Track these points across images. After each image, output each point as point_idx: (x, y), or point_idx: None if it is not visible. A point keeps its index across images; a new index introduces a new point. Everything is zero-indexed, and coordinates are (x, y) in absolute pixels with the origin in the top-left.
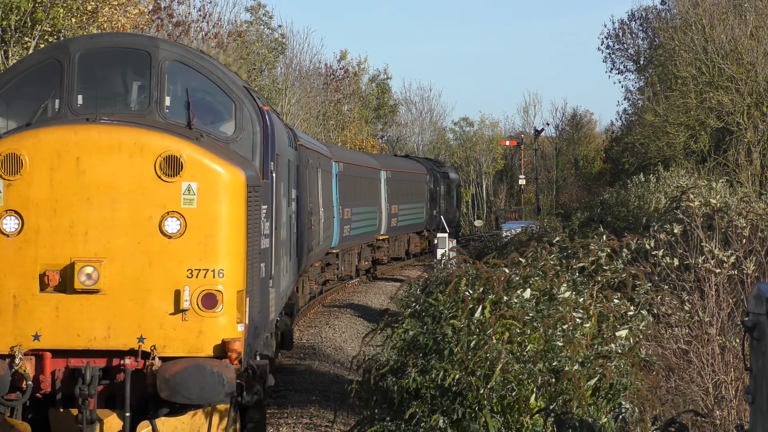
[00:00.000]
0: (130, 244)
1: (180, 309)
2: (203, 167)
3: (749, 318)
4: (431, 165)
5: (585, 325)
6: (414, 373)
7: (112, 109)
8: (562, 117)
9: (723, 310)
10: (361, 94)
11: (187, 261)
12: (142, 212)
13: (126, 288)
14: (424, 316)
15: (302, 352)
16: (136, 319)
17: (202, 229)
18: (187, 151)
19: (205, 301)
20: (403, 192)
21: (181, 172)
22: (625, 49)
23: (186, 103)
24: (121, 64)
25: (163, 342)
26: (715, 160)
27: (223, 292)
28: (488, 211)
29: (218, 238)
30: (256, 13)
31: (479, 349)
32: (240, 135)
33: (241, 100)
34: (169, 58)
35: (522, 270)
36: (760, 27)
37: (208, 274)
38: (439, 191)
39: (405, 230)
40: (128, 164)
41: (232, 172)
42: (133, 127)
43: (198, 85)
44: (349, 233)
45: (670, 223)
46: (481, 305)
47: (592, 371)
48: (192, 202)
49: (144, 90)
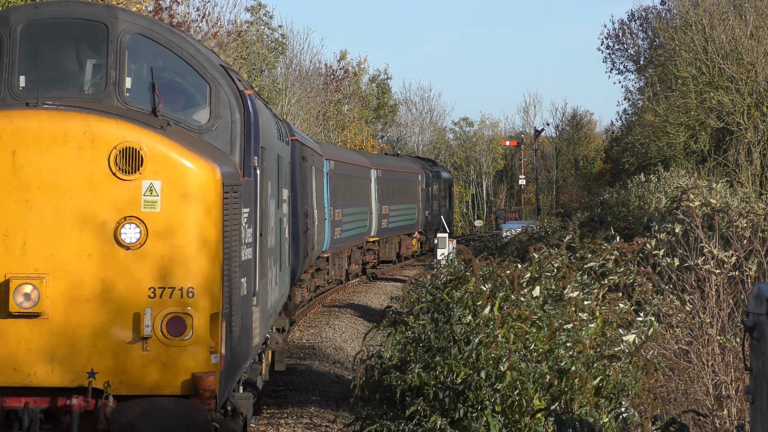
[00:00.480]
0: (78, 256)
1: (140, 337)
2: (168, 162)
3: (749, 318)
4: (423, 164)
5: (590, 325)
6: (418, 369)
7: (61, 92)
8: (562, 117)
9: (723, 310)
10: (361, 94)
11: (149, 278)
12: (93, 217)
13: (73, 311)
14: (434, 313)
15: (302, 352)
16: (85, 349)
17: (168, 237)
18: (148, 143)
19: (171, 327)
20: (394, 192)
21: (142, 168)
22: (625, 50)
23: (150, 85)
24: (72, 39)
25: (120, 377)
26: (715, 160)
27: (193, 315)
28: (488, 211)
29: (187, 249)
30: (256, 13)
31: (486, 348)
32: (216, 123)
33: (217, 81)
34: (131, 31)
35: (535, 267)
36: (760, 27)
37: (174, 294)
38: (431, 191)
39: (396, 232)
40: (76, 159)
41: (205, 168)
42: (83, 113)
43: (165, 64)
44: (340, 236)
45: (670, 223)
46: (490, 302)
47: (597, 372)
48: (154, 205)
49: (100, 69)
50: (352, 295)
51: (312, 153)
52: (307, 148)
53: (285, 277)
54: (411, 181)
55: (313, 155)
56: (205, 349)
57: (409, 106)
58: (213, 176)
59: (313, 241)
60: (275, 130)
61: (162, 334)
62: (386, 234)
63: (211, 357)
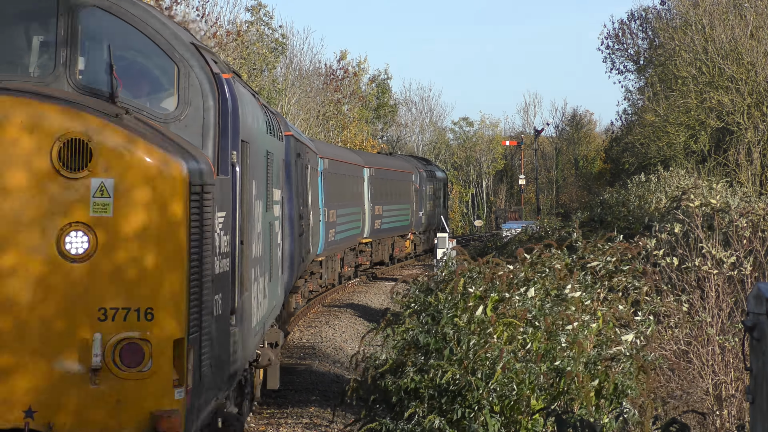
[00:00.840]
0: (12, 271)
1: (88, 368)
2: (123, 157)
3: (749, 318)
4: (417, 163)
5: (591, 325)
6: (412, 373)
7: (4, 74)
8: (562, 117)
9: (723, 310)
10: (361, 94)
11: (99, 296)
12: (31, 223)
13: (8, 336)
14: (424, 316)
15: (302, 352)
16: (22, 383)
17: (122, 248)
18: (99, 134)
19: (126, 356)
20: (387, 192)
21: (91, 164)
22: (624, 49)
23: (108, 66)
24: (16, 12)
25: (64, 417)
26: (715, 160)
27: (152, 341)
28: (488, 211)
29: (146, 262)
30: (256, 13)
31: (480, 349)
32: (185, 112)
33: (187, 62)
34: (85, 2)
35: (526, 268)
36: (760, 27)
37: (130, 316)
38: (425, 191)
39: (389, 233)
40: (12, 152)
41: (168, 164)
42: (21, 99)
43: (126, 41)
44: (334, 238)
45: (670, 223)
46: (483, 303)
47: (597, 372)
48: (106, 209)
49: (48, 48)
50: (351, 295)
51: (307, 151)
52: (303, 145)
53: (277, 287)
54: (404, 180)
55: (308, 153)
56: (168, 383)
57: (409, 106)
58: (178, 174)
59: (309, 245)
60: (263, 122)
61: (115, 365)
62: (379, 235)
63: (174, 392)
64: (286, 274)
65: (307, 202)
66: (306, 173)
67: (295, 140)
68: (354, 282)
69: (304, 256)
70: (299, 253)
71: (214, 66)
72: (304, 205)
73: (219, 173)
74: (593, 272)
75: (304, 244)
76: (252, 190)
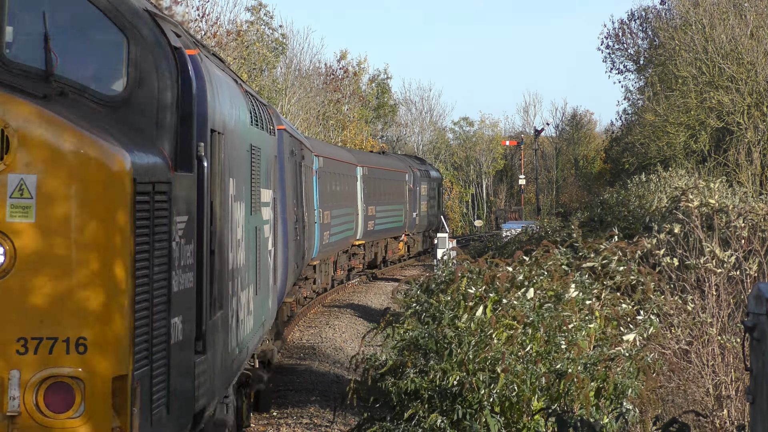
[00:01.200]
0: None
1: (4, 414)
2: (50, 148)
3: (749, 318)
4: (411, 162)
5: (590, 325)
6: (412, 374)
7: None
8: (562, 117)
9: (723, 310)
10: (360, 94)
11: (18, 323)
12: None
13: None
14: (425, 317)
15: (302, 352)
16: None
17: (47, 262)
18: (19, 119)
19: (52, 399)
20: (380, 191)
21: (7, 156)
22: (624, 49)
23: (42, 37)
24: None
25: None
26: (715, 160)
27: (86, 380)
28: (488, 211)
29: (77, 279)
30: (257, 13)
31: (480, 350)
32: (135, 93)
33: (139, 33)
34: None
35: (525, 269)
36: (760, 27)
37: (57, 348)
38: (419, 191)
39: (382, 234)
40: None
41: (106, 158)
42: None
43: (66, 8)
44: (329, 240)
45: (670, 223)
46: (483, 305)
47: (597, 373)
48: (27, 212)
49: None
50: (352, 295)
51: (301, 147)
52: (296, 141)
53: (268, 299)
54: (397, 180)
55: (303, 150)
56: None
57: (409, 106)
58: (120, 169)
59: (304, 249)
60: (246, 112)
61: (38, 410)
62: (373, 237)
63: None
64: (279, 283)
65: (302, 203)
66: (300, 171)
67: (289, 135)
68: (354, 282)
69: (299, 262)
70: (294, 259)
71: (175, 39)
72: (299, 206)
73: (178, 169)
74: (591, 272)
75: (299, 249)
76: (229, 189)
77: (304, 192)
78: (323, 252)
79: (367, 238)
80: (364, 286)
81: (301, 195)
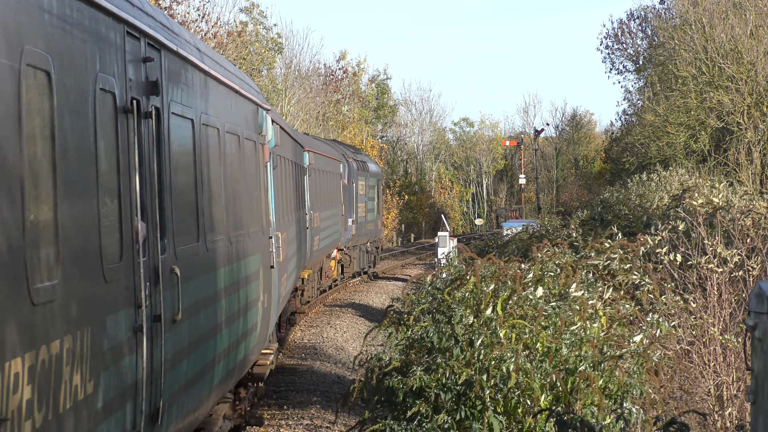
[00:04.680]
0: None
1: None
2: None
3: (750, 317)
4: (344, 149)
5: (593, 325)
6: (419, 372)
7: None
8: (561, 117)
9: (725, 309)
10: (360, 94)
11: None
12: None
13: None
14: (435, 314)
15: (303, 352)
16: None
17: None
18: None
19: None
20: (322, 191)
21: None
22: (624, 49)
23: None
24: None
25: None
26: (716, 159)
27: None
28: (489, 209)
29: None
30: (250, 13)
31: (488, 349)
32: None
33: None
34: None
35: (536, 267)
36: (760, 26)
37: None
38: (355, 189)
39: (323, 252)
40: None
41: None
42: None
43: None
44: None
45: (673, 220)
46: (492, 303)
47: (605, 373)
48: None
49: None
50: (353, 295)
51: (294, 143)
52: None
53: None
54: (332, 172)
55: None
56: None
57: (409, 107)
58: None
59: (306, 258)
60: None
61: None
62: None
63: None
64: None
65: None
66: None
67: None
68: (355, 281)
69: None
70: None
71: None
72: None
73: None
74: (594, 270)
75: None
76: None
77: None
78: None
79: (313, 260)
80: (365, 286)
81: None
